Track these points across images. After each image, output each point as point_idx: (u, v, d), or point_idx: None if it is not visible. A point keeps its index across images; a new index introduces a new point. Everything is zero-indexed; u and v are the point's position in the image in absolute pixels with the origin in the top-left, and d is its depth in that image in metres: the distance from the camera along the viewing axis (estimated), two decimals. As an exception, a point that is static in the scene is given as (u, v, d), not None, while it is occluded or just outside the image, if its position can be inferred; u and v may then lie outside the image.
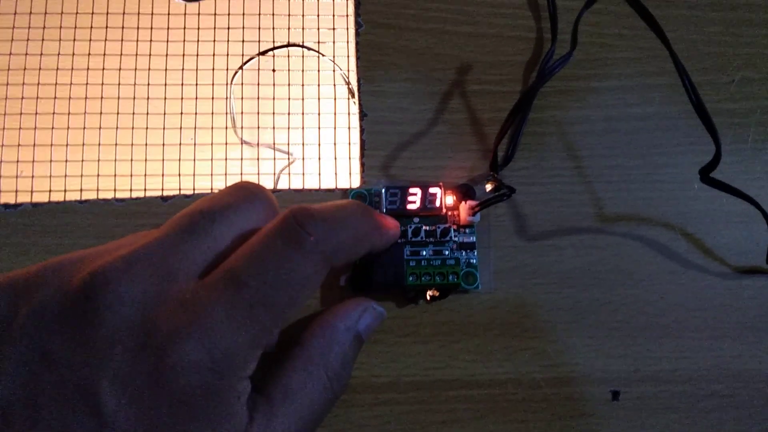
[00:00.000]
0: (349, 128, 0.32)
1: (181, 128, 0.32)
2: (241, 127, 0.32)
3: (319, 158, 0.32)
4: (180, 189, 0.31)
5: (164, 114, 0.32)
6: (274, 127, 0.32)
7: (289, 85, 0.33)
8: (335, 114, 0.32)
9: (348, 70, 0.33)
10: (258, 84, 0.33)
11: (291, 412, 0.23)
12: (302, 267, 0.22)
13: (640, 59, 0.33)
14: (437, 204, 0.29)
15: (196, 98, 0.32)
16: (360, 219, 0.25)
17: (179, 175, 0.31)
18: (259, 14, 0.33)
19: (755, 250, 0.31)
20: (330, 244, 0.23)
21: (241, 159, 0.32)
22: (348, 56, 0.33)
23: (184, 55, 0.33)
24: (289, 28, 0.33)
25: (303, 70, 0.33)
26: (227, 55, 0.33)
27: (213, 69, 0.33)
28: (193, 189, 0.31)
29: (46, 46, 0.32)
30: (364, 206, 0.26)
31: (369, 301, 0.27)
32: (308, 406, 0.23)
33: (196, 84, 0.32)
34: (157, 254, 0.21)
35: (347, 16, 0.33)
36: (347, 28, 0.33)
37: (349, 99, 0.33)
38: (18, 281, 0.21)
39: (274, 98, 0.32)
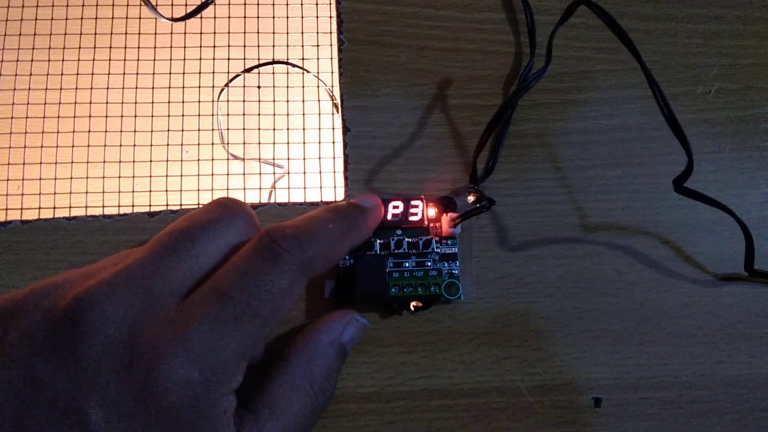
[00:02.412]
0: (333, 143, 0.33)
1: (168, 145, 0.32)
2: (228, 143, 0.32)
3: (304, 172, 0.32)
4: (167, 204, 0.31)
5: (151, 131, 0.32)
6: (259, 143, 0.33)
7: (274, 101, 0.33)
8: (320, 129, 0.33)
9: (332, 86, 0.33)
10: (244, 101, 0.33)
11: (277, 427, 0.23)
12: (281, 278, 0.23)
13: (617, 72, 0.33)
14: (419, 216, 0.29)
15: (183, 115, 0.33)
16: (332, 226, 0.26)
17: (166, 191, 0.31)
18: (244, 32, 0.34)
19: (733, 257, 0.31)
20: (305, 254, 0.24)
21: (227, 174, 0.32)
22: (332, 72, 0.34)
23: (170, 73, 0.33)
24: (273, 46, 0.34)
25: (288, 87, 0.34)
26: (213, 72, 0.33)
27: (199, 86, 0.33)
28: (180, 204, 0.31)
29: (35, 66, 0.33)
30: (336, 209, 0.27)
31: (352, 313, 0.28)
32: (294, 421, 0.24)
33: (183, 101, 0.33)
34: (140, 274, 0.22)
35: (330, 33, 0.34)
36: (331, 45, 0.34)
37: (333, 114, 0.33)
38: (5, 306, 0.22)
39: (259, 114, 0.33)
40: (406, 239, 0.29)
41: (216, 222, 0.24)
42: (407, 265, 0.29)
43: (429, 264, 0.29)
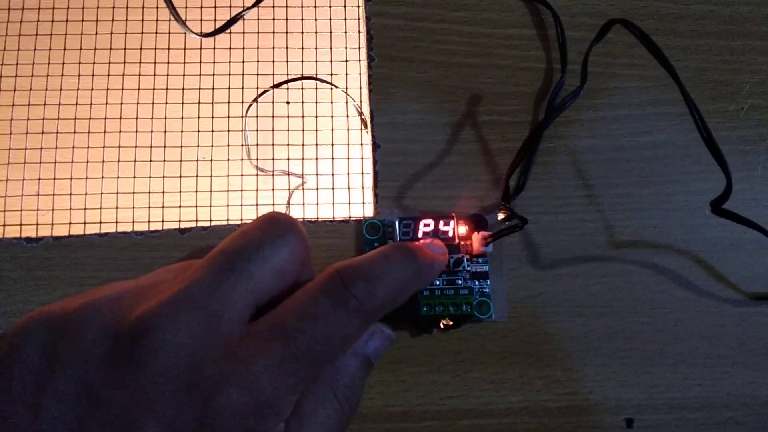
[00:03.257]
0: (362, 158, 0.33)
1: (197, 161, 0.32)
2: (257, 158, 0.32)
3: (333, 188, 0.32)
4: (197, 220, 0.31)
5: (181, 147, 0.32)
6: (288, 158, 0.33)
7: (303, 116, 0.33)
8: (348, 145, 0.33)
9: (361, 102, 0.33)
10: (273, 116, 0.33)
11: None
12: (347, 327, 0.23)
13: (649, 88, 0.33)
14: (450, 234, 0.29)
15: (212, 131, 0.33)
16: (403, 270, 0.25)
17: (196, 206, 0.32)
18: (273, 48, 0.34)
19: (766, 276, 0.31)
20: (373, 303, 0.24)
21: (257, 190, 0.32)
22: (360, 88, 0.34)
23: (200, 88, 0.33)
24: (302, 61, 0.34)
25: (317, 102, 0.34)
26: (242, 88, 0.33)
27: (228, 102, 0.33)
28: (210, 220, 0.31)
29: (65, 81, 0.33)
30: (408, 250, 0.26)
31: (377, 324, 0.27)
32: (321, 430, 0.24)
33: (212, 117, 0.33)
34: (200, 297, 0.22)
35: (359, 48, 0.34)
36: (359, 61, 0.34)
37: (362, 130, 0.33)
38: (56, 317, 0.22)
39: (288, 130, 0.33)
40: (437, 257, 0.29)
41: (270, 241, 0.24)
42: (438, 283, 0.29)
43: (460, 282, 0.29)
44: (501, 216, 0.30)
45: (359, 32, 0.34)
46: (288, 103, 0.33)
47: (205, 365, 0.21)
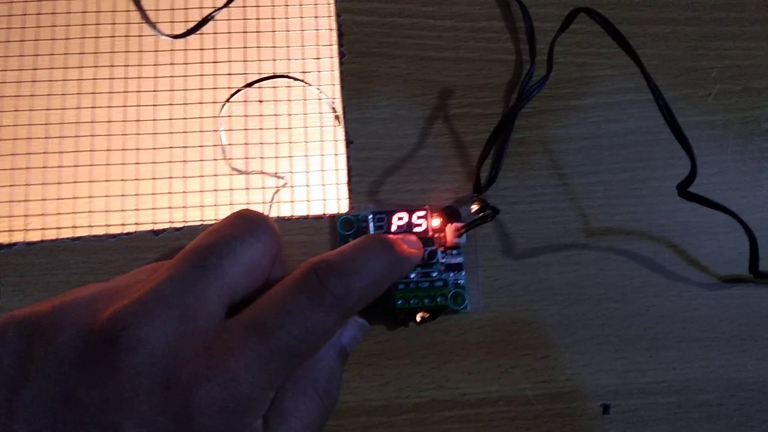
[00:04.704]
0: (335, 155, 0.33)
1: (170, 162, 0.32)
2: (231, 158, 0.33)
3: (307, 185, 0.32)
4: (171, 221, 0.31)
5: (154, 149, 0.32)
6: (262, 157, 0.33)
7: (276, 115, 0.33)
8: (322, 141, 0.33)
9: (333, 98, 0.33)
10: (246, 115, 0.33)
11: None
12: (324, 322, 0.23)
13: (617, 76, 0.33)
14: (423, 227, 0.29)
15: (185, 132, 0.33)
16: (379, 260, 0.25)
17: (170, 208, 0.32)
18: (245, 47, 0.34)
19: (738, 259, 0.31)
20: (350, 298, 0.24)
21: (231, 189, 0.32)
22: (333, 84, 0.34)
23: (172, 90, 0.33)
24: (274, 60, 0.34)
25: (289, 100, 0.34)
26: (215, 88, 0.33)
27: (201, 102, 0.33)
28: (184, 221, 0.31)
29: (36, 86, 0.33)
30: (382, 241, 0.26)
31: None
32: (303, 425, 0.24)
33: (185, 118, 0.33)
34: (173, 294, 0.22)
35: (331, 45, 0.34)
36: (331, 57, 0.34)
37: (335, 126, 0.33)
38: (29, 321, 0.21)
39: (261, 129, 0.33)
40: (411, 250, 0.29)
41: (242, 236, 0.24)
42: (413, 276, 0.29)
43: (434, 275, 0.29)
44: (474, 207, 0.30)
45: (330, 29, 0.34)
46: (261, 102, 0.33)
47: (182, 363, 0.21)
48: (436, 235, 0.30)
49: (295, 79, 0.33)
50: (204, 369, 0.21)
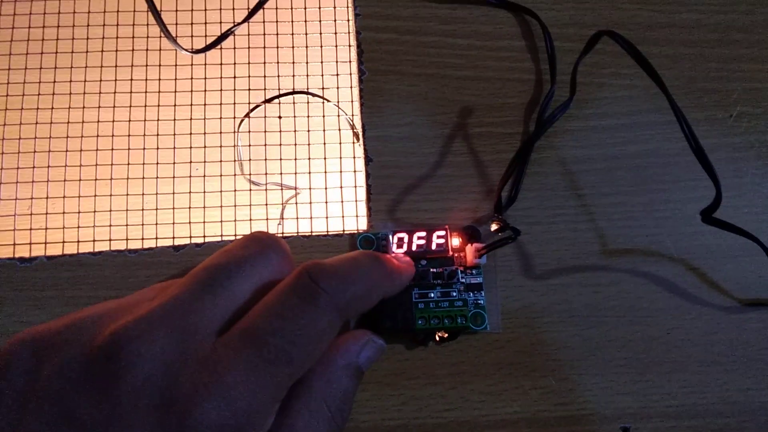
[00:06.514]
0: (354, 172, 0.33)
1: (190, 177, 0.32)
2: (250, 174, 0.33)
3: (326, 202, 0.32)
4: (191, 236, 0.31)
5: (174, 163, 0.32)
6: (281, 173, 0.33)
7: (295, 131, 0.33)
8: (341, 158, 0.33)
9: (352, 115, 0.33)
10: (265, 131, 0.33)
11: None
12: (318, 322, 0.23)
13: (638, 97, 0.33)
14: (443, 246, 0.29)
15: (205, 147, 0.33)
16: (371, 270, 0.26)
17: (189, 223, 0.31)
18: (264, 63, 0.34)
19: (759, 282, 0.31)
20: (343, 297, 0.23)
21: (250, 205, 0.32)
22: (352, 101, 0.34)
23: (191, 104, 0.33)
24: (293, 76, 0.34)
25: (308, 116, 0.34)
26: (234, 103, 0.33)
27: (221, 117, 0.33)
28: (204, 236, 0.31)
29: (57, 100, 0.33)
30: (375, 255, 0.27)
31: (368, 335, 0.27)
32: None
33: (205, 133, 0.33)
34: (176, 312, 0.22)
35: (350, 62, 0.34)
36: (350, 74, 0.34)
37: (354, 143, 0.33)
38: (41, 337, 0.22)
39: (280, 144, 0.33)
40: (431, 269, 0.29)
41: (253, 258, 0.24)
42: (432, 295, 0.29)
43: (454, 294, 0.29)
44: (494, 227, 0.30)
45: (350, 46, 0.35)
46: (280, 117, 0.33)
47: (180, 380, 0.21)
48: (456, 255, 0.30)
49: (315, 95, 0.33)
50: (201, 385, 0.21)
